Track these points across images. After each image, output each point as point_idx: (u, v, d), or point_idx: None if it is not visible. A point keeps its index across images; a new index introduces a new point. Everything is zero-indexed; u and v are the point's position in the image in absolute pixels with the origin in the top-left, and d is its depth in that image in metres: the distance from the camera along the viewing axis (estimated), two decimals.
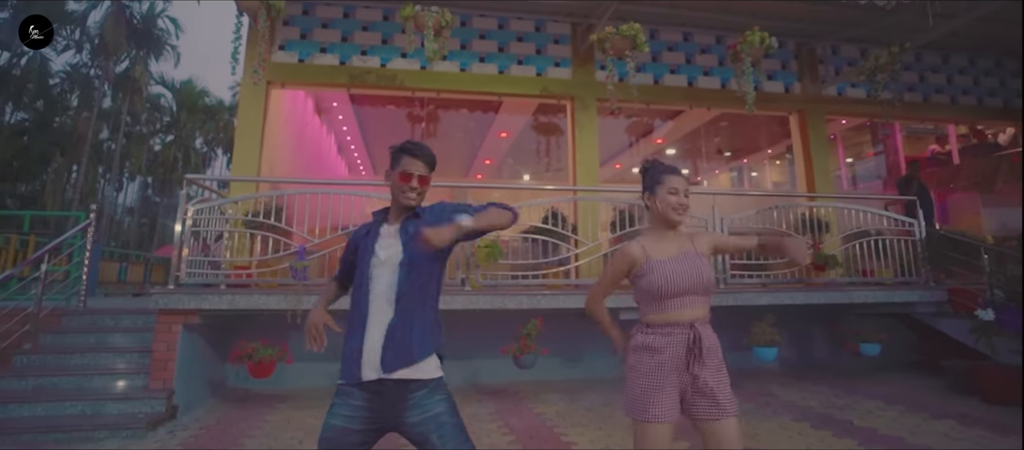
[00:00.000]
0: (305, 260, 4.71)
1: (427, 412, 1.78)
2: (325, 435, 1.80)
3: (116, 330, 5.44)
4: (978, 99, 8.79)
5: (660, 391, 1.82)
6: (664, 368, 1.84)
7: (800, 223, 7.13)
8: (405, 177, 1.93)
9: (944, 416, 4.63)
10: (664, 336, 1.86)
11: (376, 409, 1.79)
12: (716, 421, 1.81)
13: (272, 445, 3.90)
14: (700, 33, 7.64)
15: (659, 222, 1.99)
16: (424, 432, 1.76)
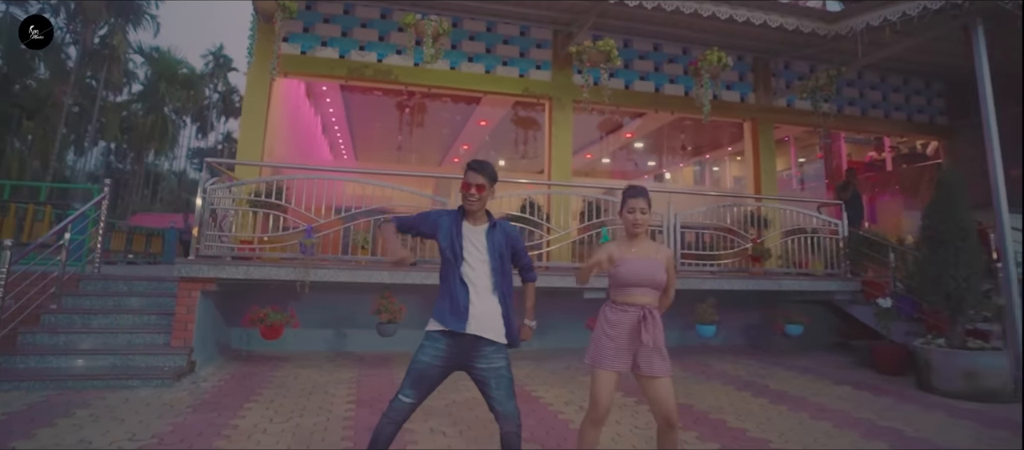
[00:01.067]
0: (313, 238, 5.38)
1: (492, 363, 2.52)
2: (415, 367, 2.49)
3: (131, 294, 6.03)
4: (908, 115, 9.91)
5: (614, 349, 2.62)
6: (620, 334, 2.63)
7: (747, 220, 8.13)
8: (466, 186, 2.57)
9: (842, 383, 5.67)
10: (623, 312, 2.64)
11: (455, 353, 2.50)
12: (656, 379, 2.61)
13: (286, 394, 4.61)
14: (668, 44, 8.45)
15: (625, 232, 2.77)
16: (486, 378, 2.51)
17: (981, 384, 5.05)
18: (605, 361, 2.59)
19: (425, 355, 2.49)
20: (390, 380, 5.25)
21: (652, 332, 2.56)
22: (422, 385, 2.48)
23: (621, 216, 2.78)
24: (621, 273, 2.62)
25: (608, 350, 2.60)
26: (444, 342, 2.49)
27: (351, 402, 4.45)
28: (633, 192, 2.75)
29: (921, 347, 5.55)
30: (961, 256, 5.19)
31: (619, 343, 2.60)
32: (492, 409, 2.53)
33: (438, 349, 2.49)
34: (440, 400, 4.46)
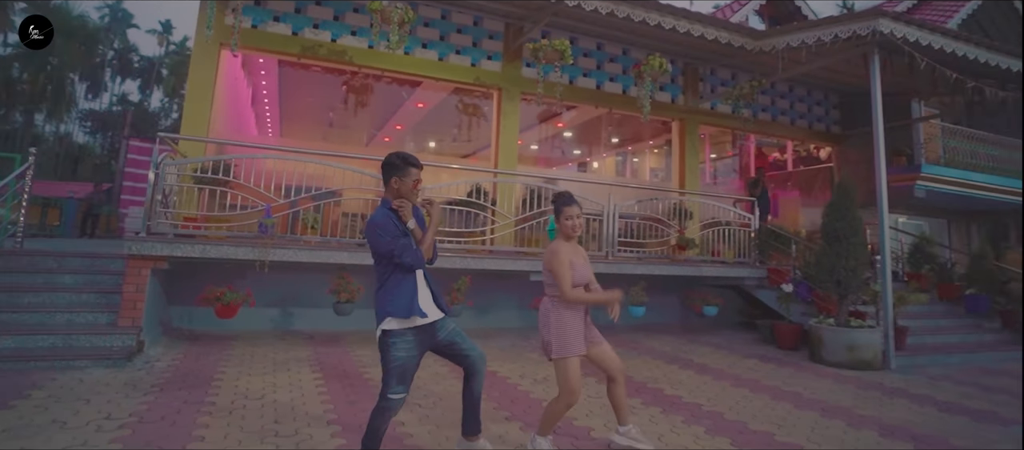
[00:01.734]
0: (272, 218, 5.38)
1: (447, 327, 2.85)
2: (397, 365, 2.66)
3: (62, 272, 5.68)
4: (809, 123, 11.23)
5: (577, 337, 3.01)
6: (578, 323, 3.04)
7: (673, 212, 8.97)
8: (417, 183, 2.81)
9: (750, 357, 6.56)
10: (577, 307, 3.04)
11: (422, 340, 2.77)
12: (601, 344, 3.11)
13: (250, 372, 4.67)
14: (610, 44, 9.01)
15: (562, 236, 3.13)
16: (450, 340, 2.83)
17: (859, 355, 6.09)
18: (575, 348, 2.98)
19: (401, 352, 2.68)
20: (348, 357, 5.42)
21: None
22: (407, 378, 2.71)
23: (558, 223, 3.13)
24: (574, 277, 3.01)
25: (575, 339, 2.99)
26: (412, 334, 2.72)
27: (318, 377, 4.60)
28: (568, 200, 3.12)
29: (814, 326, 6.55)
30: (851, 250, 6.19)
31: (579, 330, 3.02)
32: (466, 358, 2.87)
33: (410, 342, 2.71)
34: None
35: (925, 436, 3.90)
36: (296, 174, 6.44)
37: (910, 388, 5.37)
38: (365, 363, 5.23)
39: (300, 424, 3.47)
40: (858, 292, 6.47)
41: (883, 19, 5.91)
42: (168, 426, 3.32)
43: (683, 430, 3.76)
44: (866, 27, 5.99)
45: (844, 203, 6.38)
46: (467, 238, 6.76)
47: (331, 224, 6.76)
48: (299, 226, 6.25)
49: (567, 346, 2.97)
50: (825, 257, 6.42)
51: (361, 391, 4.29)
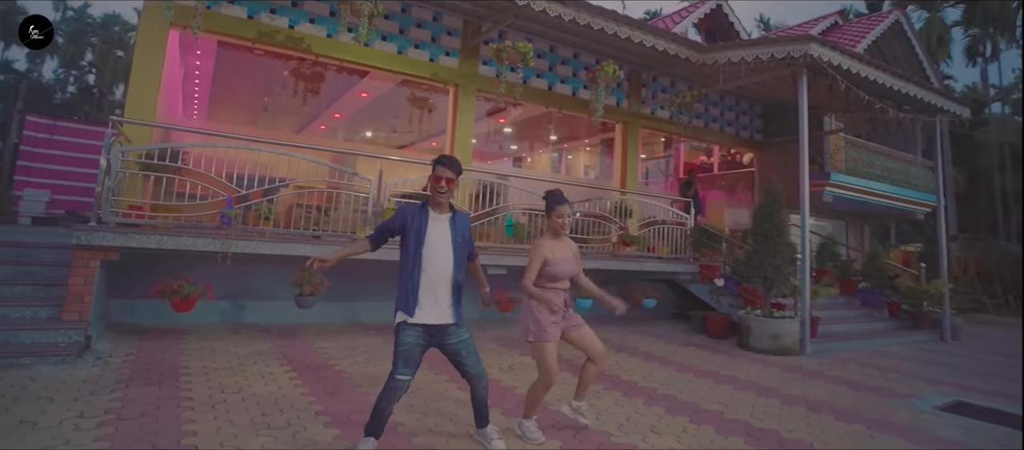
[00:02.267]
0: (234, 208, 5.24)
1: (460, 337, 2.99)
2: (403, 349, 2.83)
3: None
4: (736, 131, 12.22)
5: (553, 323, 3.27)
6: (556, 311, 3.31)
7: (614, 209, 9.51)
8: (437, 180, 2.95)
9: (688, 345, 7.19)
10: (555, 295, 3.30)
11: (430, 336, 2.91)
12: (581, 327, 3.41)
13: (215, 366, 4.57)
14: (562, 48, 9.36)
15: (551, 232, 3.43)
16: (457, 349, 2.98)
17: (782, 343, 6.87)
18: (549, 334, 3.26)
19: (408, 337, 2.85)
20: (312, 350, 5.42)
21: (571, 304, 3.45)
22: (412, 362, 2.87)
23: (549, 219, 3.42)
24: (556, 271, 3.30)
25: (550, 325, 3.27)
26: (420, 329, 2.87)
27: (290, 371, 4.60)
28: (561, 199, 3.43)
29: (743, 317, 7.28)
30: (778, 248, 6.94)
31: (556, 319, 3.30)
32: (465, 374, 3.03)
33: (416, 334, 2.86)
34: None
35: (842, 410, 4.56)
36: (244, 162, 6.25)
37: (824, 370, 6.16)
38: (331, 356, 5.25)
39: (289, 416, 3.52)
40: (781, 286, 7.26)
41: (813, 44, 6.68)
42: (152, 422, 3.26)
43: (646, 411, 4.17)
44: (799, 50, 6.74)
45: (773, 206, 7.13)
46: None
47: (286, 215, 6.64)
48: (251, 217, 6.08)
49: (541, 332, 3.24)
50: (755, 255, 7.14)
51: (337, 383, 4.36)
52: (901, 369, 6.53)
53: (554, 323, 3.28)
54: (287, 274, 5.96)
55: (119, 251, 4.89)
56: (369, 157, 7.32)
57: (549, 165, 17.30)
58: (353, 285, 7.07)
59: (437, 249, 2.94)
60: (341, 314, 7.22)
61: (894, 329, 9.18)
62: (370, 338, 6.23)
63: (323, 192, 6.66)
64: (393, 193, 6.48)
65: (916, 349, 8.23)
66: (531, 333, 3.28)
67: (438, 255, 2.94)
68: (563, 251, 3.39)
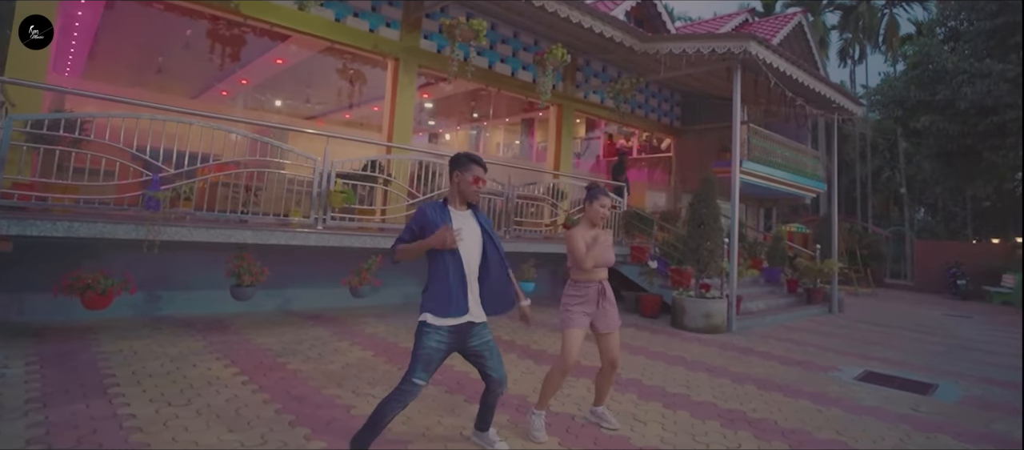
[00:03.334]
0: (161, 190, 4.55)
1: (484, 338, 2.85)
2: (424, 352, 2.65)
3: None
4: (658, 117, 12.80)
5: (581, 313, 3.30)
6: (587, 302, 3.31)
7: (548, 191, 9.59)
8: (478, 181, 2.83)
9: (626, 325, 7.48)
10: (587, 287, 3.32)
11: (455, 338, 2.75)
12: (611, 333, 3.40)
13: (148, 373, 3.99)
14: (503, 26, 9.15)
15: (588, 220, 3.42)
16: (481, 351, 2.84)
17: (712, 321, 7.38)
18: (575, 322, 3.28)
19: (432, 341, 2.69)
20: (253, 347, 4.92)
21: (610, 299, 3.37)
22: (431, 367, 2.71)
23: (588, 208, 3.45)
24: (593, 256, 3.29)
25: (578, 314, 3.29)
26: (446, 331, 2.73)
27: (238, 373, 4.14)
28: (602, 190, 3.48)
29: (677, 298, 7.72)
30: (711, 232, 7.40)
31: (586, 309, 3.31)
32: (486, 377, 2.91)
33: (442, 337, 2.71)
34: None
35: (785, 385, 5.01)
36: (156, 135, 5.43)
37: (753, 346, 6.72)
38: (278, 353, 4.81)
39: (262, 430, 3.16)
40: (711, 268, 7.78)
41: (753, 42, 7.11)
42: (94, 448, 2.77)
43: (620, 398, 4.28)
44: (739, 47, 7.14)
45: (709, 193, 7.57)
46: (362, 216, 6.48)
47: (201, 195, 5.88)
48: (176, 199, 5.33)
49: (569, 320, 3.30)
50: (691, 238, 7.56)
51: (298, 386, 4.00)
52: (813, 342, 7.31)
53: (584, 313, 3.32)
54: (210, 261, 5.35)
55: (11, 241, 4.07)
56: (308, 134, 6.72)
57: (467, 143, 17.08)
58: (287, 272, 6.51)
59: (470, 246, 2.80)
60: (271, 302, 6.64)
61: (794, 304, 10.24)
62: (312, 329, 5.78)
63: (253, 171, 6.01)
64: (340, 173, 6.00)
65: (814, 322, 9.26)
66: (561, 319, 3.37)
67: (471, 252, 2.81)
68: (601, 239, 3.37)
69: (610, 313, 3.42)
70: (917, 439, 3.84)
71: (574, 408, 3.97)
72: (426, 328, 2.71)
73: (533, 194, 8.59)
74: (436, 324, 2.70)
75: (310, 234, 5.55)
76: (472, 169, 2.83)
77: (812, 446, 3.56)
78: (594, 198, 3.46)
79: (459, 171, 2.84)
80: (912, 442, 3.78)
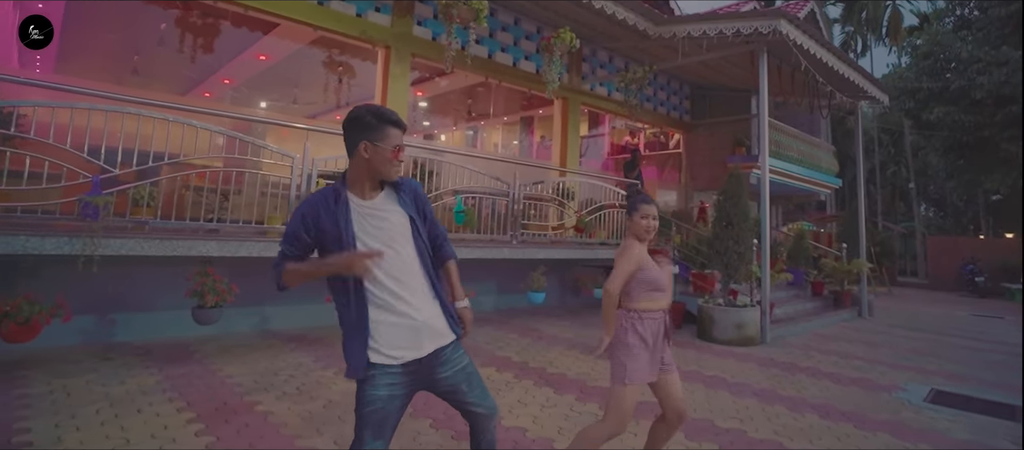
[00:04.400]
0: (102, 195, 3.75)
1: (458, 365, 1.99)
2: (372, 412, 1.84)
3: None
4: (667, 111, 12.05)
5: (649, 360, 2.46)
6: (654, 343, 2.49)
7: (556, 191, 8.81)
8: (398, 152, 1.88)
9: None
10: (652, 320, 2.50)
11: (414, 375, 1.91)
12: (671, 373, 2.57)
13: (74, 422, 3.19)
14: (503, 12, 8.39)
15: (633, 234, 2.63)
16: (456, 383, 1.98)
17: (745, 332, 6.61)
18: (640, 374, 2.45)
19: (380, 391, 1.86)
20: (219, 381, 4.12)
21: (670, 334, 2.59)
22: (386, 427, 1.89)
23: (632, 221, 2.64)
24: (655, 277, 2.51)
25: (644, 363, 2.46)
26: (397, 371, 1.89)
27: (192, 420, 3.34)
28: (647, 199, 2.68)
29: (704, 306, 6.94)
30: (741, 234, 6.63)
31: (652, 353, 2.50)
32: (470, 413, 2.05)
33: (392, 380, 1.88)
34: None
35: (851, 413, 4.22)
36: (112, 133, 4.63)
37: (796, 361, 5.93)
38: (247, 388, 4.00)
39: None
40: (740, 273, 7.01)
41: (784, 21, 6.34)
42: None
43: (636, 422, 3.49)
44: (768, 26, 6.37)
45: (737, 190, 6.81)
46: None
47: (168, 201, 5.07)
48: (121, 203, 4.53)
49: (637, 373, 2.44)
50: (719, 240, 6.80)
51: (267, 435, 3.19)
52: (857, 354, 6.54)
53: (649, 359, 2.47)
54: (174, 277, 4.55)
55: None
56: (288, 127, 5.93)
57: (463, 143, 16.33)
58: (260, 286, 5.69)
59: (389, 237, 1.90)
60: (246, 322, 5.83)
61: (822, 309, 9.48)
62: (292, 355, 4.98)
63: (223, 171, 5.21)
64: (322, 172, 5.21)
65: (847, 328, 8.50)
66: (622, 375, 2.44)
67: (403, 254, 1.92)
68: (657, 258, 2.62)
69: (665, 349, 2.61)
70: None
71: None
72: (371, 372, 1.86)
73: (541, 194, 7.79)
74: (380, 363, 1.87)
75: None
76: (388, 133, 1.87)
77: None
78: (634, 208, 2.64)
79: (369, 138, 1.85)
80: None
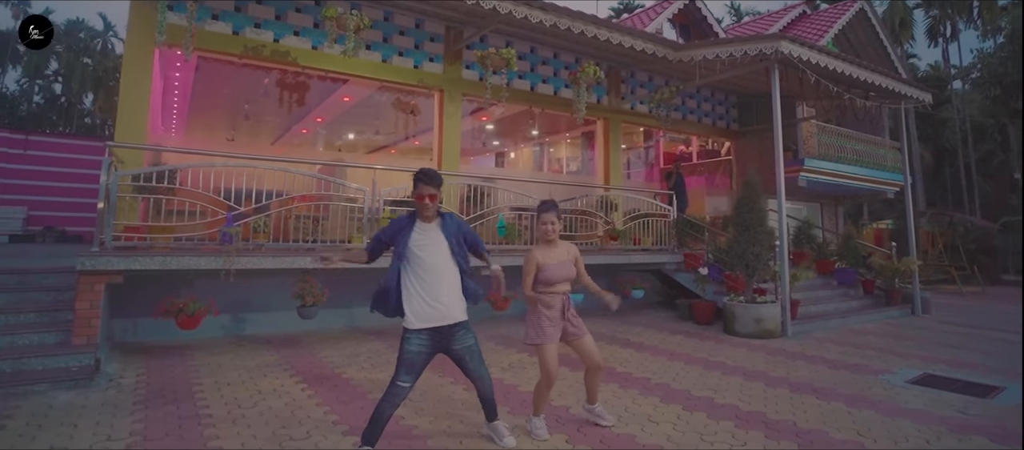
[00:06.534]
0: (234, 226, 5.36)
1: (465, 343, 3.23)
2: (406, 357, 3.06)
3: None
4: (713, 121, 12.58)
5: (551, 327, 3.49)
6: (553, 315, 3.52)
7: (598, 204, 9.79)
8: (420, 198, 3.12)
9: (676, 333, 7.52)
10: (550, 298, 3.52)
11: (436, 341, 3.14)
12: (582, 337, 3.61)
13: (227, 381, 4.71)
14: (542, 48, 9.56)
15: (542, 239, 3.63)
16: (462, 355, 3.22)
17: (765, 327, 7.22)
18: (547, 336, 3.50)
19: (412, 346, 3.05)
20: (318, 359, 5.59)
21: (571, 309, 3.63)
22: (414, 370, 3.08)
23: (537, 227, 3.68)
24: (549, 276, 3.52)
25: (547, 327, 3.51)
26: (426, 334, 3.09)
27: (301, 382, 4.77)
28: (545, 207, 3.64)
29: (728, 303, 7.62)
30: (758, 237, 7.28)
31: (550, 321, 3.53)
32: (469, 376, 3.30)
33: (422, 341, 3.08)
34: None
35: (822, 389, 4.91)
36: (235, 177, 6.33)
37: (805, 351, 6.53)
38: (337, 364, 5.43)
39: (308, 427, 3.71)
40: (762, 272, 7.62)
41: (784, 41, 7.00)
42: (177, 440, 3.42)
43: (642, 401, 4.45)
44: (770, 47, 7.06)
45: (752, 196, 7.46)
46: None
47: (277, 227, 6.73)
48: (245, 231, 6.20)
49: (540, 335, 3.50)
50: (737, 244, 7.48)
51: (348, 391, 4.55)
52: (875, 346, 6.94)
53: (552, 325, 3.51)
54: (285, 285, 6.10)
55: (123, 274, 4.99)
56: (359, 168, 7.45)
57: (532, 159, 17.55)
58: (351, 292, 7.22)
59: (432, 253, 3.12)
60: (340, 321, 7.38)
61: (869, 306, 9.64)
62: (371, 344, 6.41)
63: (316, 204, 6.80)
64: (387, 200, 6.63)
65: (889, 325, 8.69)
66: (531, 337, 3.53)
67: (430, 260, 3.11)
68: (557, 256, 3.60)
69: (576, 322, 3.62)
70: (948, 440, 3.70)
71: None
72: (406, 333, 3.10)
73: (579, 208, 8.82)
74: (414, 328, 3.08)
75: None
76: (419, 188, 3.12)
77: (824, 446, 3.56)
78: (539, 215, 3.63)
79: (414, 188, 3.16)
80: (941, 443, 3.65)
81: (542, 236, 3.59)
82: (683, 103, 11.93)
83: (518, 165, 17.50)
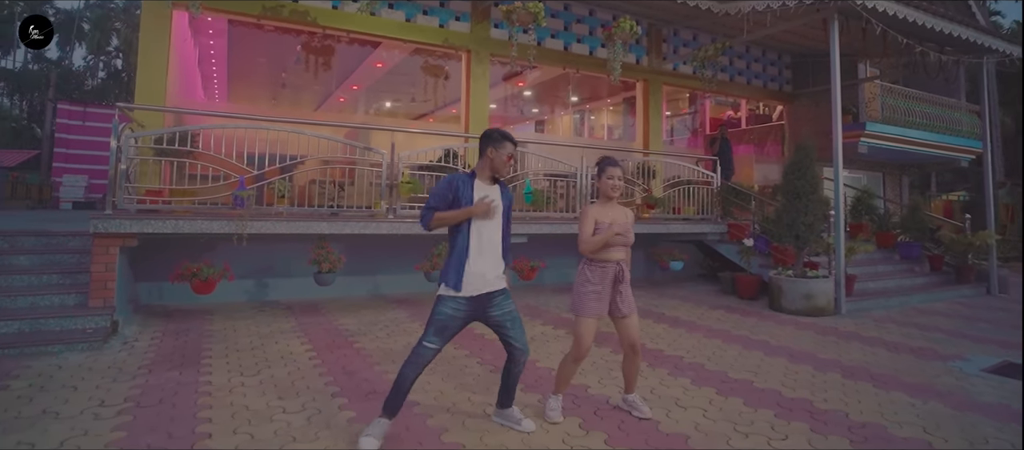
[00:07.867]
0: (247, 190, 5.20)
1: (505, 309, 2.93)
2: (439, 318, 2.80)
3: (16, 252, 5.37)
4: (764, 83, 11.63)
5: (597, 298, 3.10)
6: (603, 286, 3.12)
7: (637, 171, 9.21)
8: (511, 158, 2.94)
9: (716, 308, 6.98)
10: (602, 268, 3.13)
11: (473, 308, 2.86)
12: (628, 317, 3.19)
13: (237, 348, 4.60)
14: (577, 5, 8.95)
15: (602, 197, 3.24)
16: (502, 321, 2.92)
17: (815, 303, 6.59)
18: (589, 309, 3.11)
19: (447, 308, 2.81)
20: (334, 326, 5.42)
21: (627, 282, 3.18)
22: (445, 334, 2.81)
23: (599, 182, 3.25)
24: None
25: (592, 300, 3.12)
26: (463, 300, 2.83)
27: (310, 350, 4.60)
28: (612, 162, 3.23)
29: (774, 277, 7.01)
30: (810, 206, 6.60)
31: (601, 294, 3.14)
32: (509, 346, 2.98)
33: (458, 305, 2.82)
34: None
35: (880, 374, 4.34)
36: (258, 142, 6.17)
37: (861, 331, 5.89)
38: (352, 332, 5.25)
39: (305, 399, 3.50)
40: (814, 245, 6.94)
41: None
42: (169, 409, 3.27)
43: (671, 382, 4.03)
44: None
45: (804, 162, 6.75)
46: None
47: (301, 192, 6.58)
48: (268, 196, 6.06)
49: (582, 306, 3.12)
50: (786, 213, 6.82)
51: (355, 361, 4.34)
52: (944, 327, 6.22)
53: (598, 299, 3.12)
54: (307, 251, 5.95)
55: (137, 237, 4.92)
56: (382, 130, 7.19)
57: (571, 127, 16.92)
58: (374, 259, 7.04)
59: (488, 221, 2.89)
60: (363, 288, 7.24)
61: (936, 284, 8.76)
62: (392, 312, 6.21)
63: (338, 168, 6.59)
64: (408, 164, 6.34)
65: (959, 304, 7.85)
66: (573, 305, 3.18)
67: (488, 225, 2.89)
68: (615, 216, 3.19)
69: (626, 296, 3.20)
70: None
71: (614, 390, 3.80)
72: (443, 298, 2.83)
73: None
74: (453, 294, 2.81)
75: (382, 223, 5.95)
76: (506, 146, 2.92)
77: (882, 445, 3.06)
78: (602, 170, 3.22)
79: (494, 147, 2.91)
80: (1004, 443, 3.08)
81: (607, 192, 3.19)
82: (731, 63, 11.05)
83: (557, 133, 16.89)
